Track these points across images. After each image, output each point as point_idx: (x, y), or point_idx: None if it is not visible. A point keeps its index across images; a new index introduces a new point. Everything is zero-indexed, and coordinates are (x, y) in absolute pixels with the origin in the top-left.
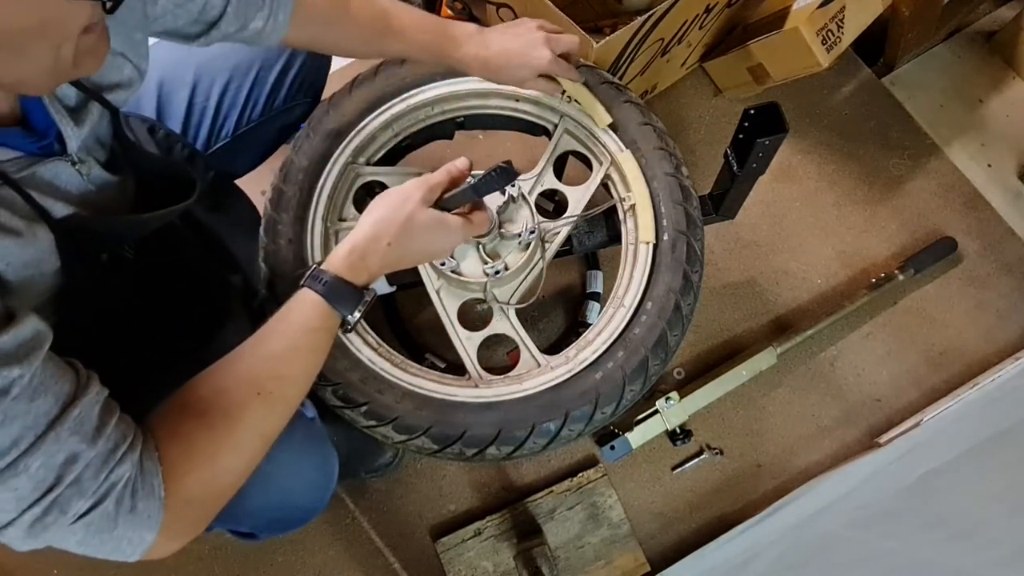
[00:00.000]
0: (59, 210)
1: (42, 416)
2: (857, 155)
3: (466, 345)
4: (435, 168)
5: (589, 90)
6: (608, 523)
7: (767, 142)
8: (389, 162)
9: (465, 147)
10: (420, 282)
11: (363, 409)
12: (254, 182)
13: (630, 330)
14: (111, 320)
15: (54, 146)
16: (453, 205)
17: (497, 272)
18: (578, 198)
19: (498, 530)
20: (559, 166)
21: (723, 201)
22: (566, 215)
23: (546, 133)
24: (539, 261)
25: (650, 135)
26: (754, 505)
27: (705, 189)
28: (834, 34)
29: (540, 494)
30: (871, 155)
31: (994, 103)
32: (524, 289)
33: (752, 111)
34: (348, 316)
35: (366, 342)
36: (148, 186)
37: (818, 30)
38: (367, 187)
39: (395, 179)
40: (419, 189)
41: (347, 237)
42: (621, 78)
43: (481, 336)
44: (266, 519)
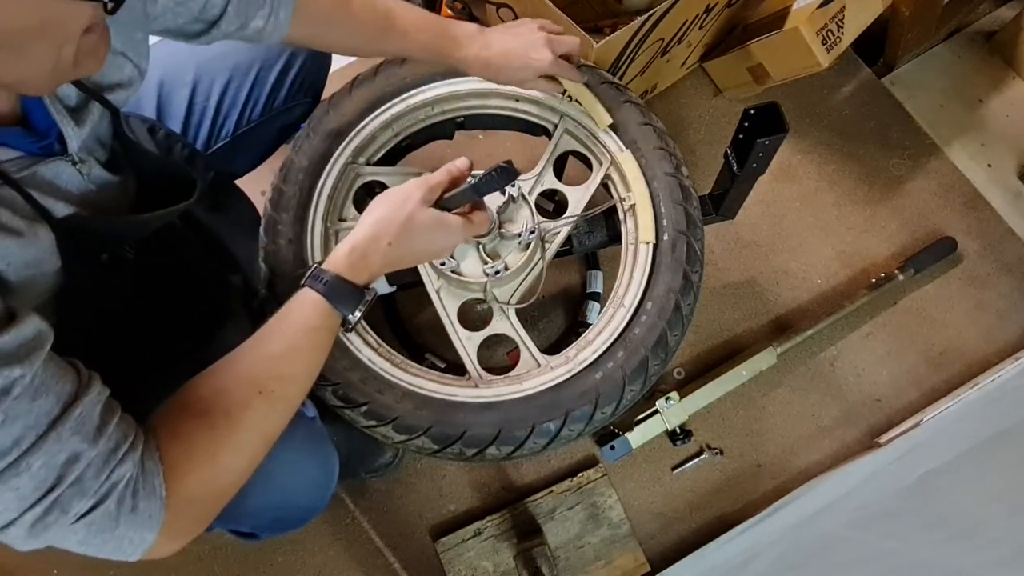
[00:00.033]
0: (60, 210)
1: (43, 416)
2: (857, 155)
3: (466, 345)
4: (435, 168)
5: (590, 91)
6: (608, 523)
7: (767, 142)
8: (389, 162)
9: (465, 147)
10: (420, 282)
11: (363, 409)
12: (254, 182)
13: (630, 330)
14: (111, 320)
15: (55, 146)
16: (453, 205)
17: (497, 272)
18: (578, 198)
19: (498, 530)
20: (559, 166)
21: (723, 201)
22: (566, 215)
23: (546, 133)
24: (539, 261)
25: (650, 135)
26: (754, 505)
27: (705, 189)
28: (834, 34)
29: (540, 494)
30: (871, 155)
31: (994, 103)
32: (524, 289)
33: (752, 111)
34: (349, 315)
35: (366, 342)
36: (148, 186)
37: (818, 30)
38: (367, 187)
39: (395, 179)
40: (419, 189)
41: (348, 237)
42: (621, 78)
43: (481, 336)
44: (267, 519)
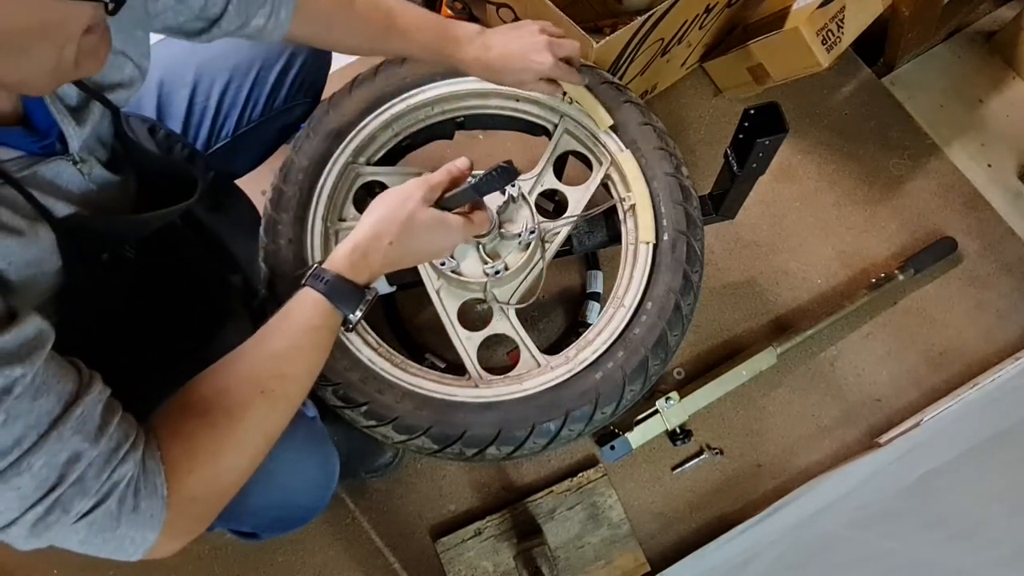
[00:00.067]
0: (60, 209)
1: (45, 415)
2: (857, 155)
3: (466, 345)
4: (435, 168)
5: (590, 92)
6: (608, 523)
7: (767, 142)
8: (389, 162)
9: (465, 147)
10: (420, 282)
11: (363, 409)
12: (254, 182)
13: (630, 330)
14: (112, 320)
15: (56, 145)
16: (454, 205)
17: (497, 272)
18: (578, 198)
19: (498, 530)
20: (559, 166)
21: (723, 201)
22: (566, 215)
23: (546, 133)
24: (539, 261)
25: (650, 135)
26: (754, 505)
27: (705, 189)
28: (834, 34)
29: (540, 494)
30: (871, 155)
31: (994, 103)
32: (524, 289)
33: (752, 111)
34: (350, 315)
35: (366, 342)
36: (149, 186)
37: (818, 30)
38: (367, 187)
39: (395, 179)
40: (420, 188)
41: (348, 236)
42: (621, 78)
43: (481, 336)
44: (267, 518)
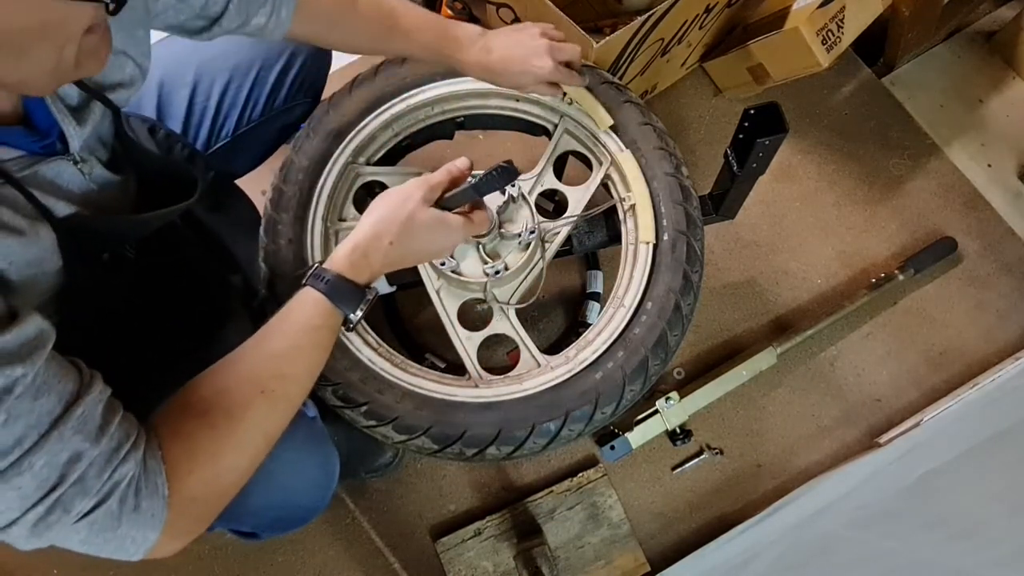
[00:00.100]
0: (61, 209)
1: (45, 415)
2: (857, 155)
3: (466, 345)
4: (435, 168)
5: (590, 93)
6: (608, 523)
7: (767, 142)
8: (389, 162)
9: (465, 147)
10: (420, 282)
11: (363, 409)
12: (254, 182)
13: (630, 330)
14: (112, 319)
15: (56, 145)
16: (454, 204)
17: (497, 272)
18: (578, 198)
19: (498, 530)
20: (559, 166)
21: (723, 201)
22: (566, 215)
23: (546, 133)
24: (539, 261)
25: (650, 135)
26: (754, 505)
27: (705, 189)
28: (834, 34)
29: (540, 494)
30: (871, 155)
31: (994, 103)
32: (524, 289)
33: (752, 111)
34: (350, 314)
35: (366, 342)
36: (149, 185)
37: (818, 30)
38: (367, 187)
39: (395, 179)
40: (420, 188)
41: (349, 236)
42: (621, 78)
43: (481, 336)
44: (268, 518)
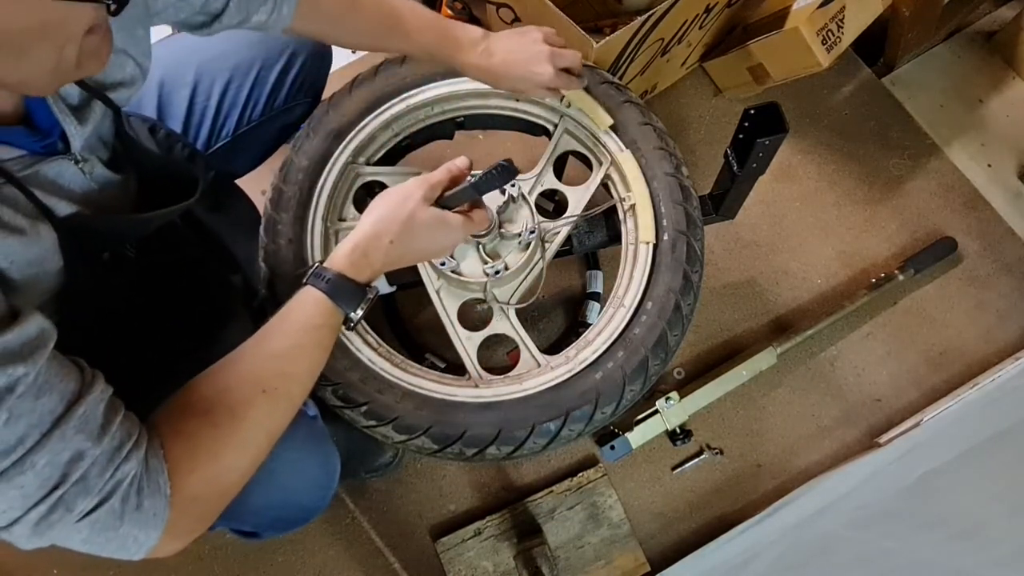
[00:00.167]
0: (62, 209)
1: (47, 414)
2: (857, 155)
3: (466, 345)
4: (435, 168)
5: (589, 95)
6: (608, 523)
7: (767, 142)
8: (389, 162)
9: (465, 147)
10: (420, 282)
11: (363, 409)
12: (254, 182)
13: (630, 330)
14: (113, 319)
15: (57, 145)
16: (453, 203)
17: (497, 272)
18: (578, 198)
19: (498, 530)
20: (559, 166)
21: (723, 201)
22: (566, 215)
23: (546, 133)
24: (539, 261)
25: (650, 135)
26: (754, 505)
27: (705, 189)
28: (834, 34)
29: (540, 494)
30: (871, 155)
31: (994, 103)
32: (524, 289)
33: (752, 111)
34: (351, 313)
35: (366, 342)
36: (150, 185)
37: (818, 30)
38: (367, 187)
39: (395, 179)
40: (420, 187)
41: (349, 235)
42: (621, 78)
43: (481, 336)
44: (268, 518)
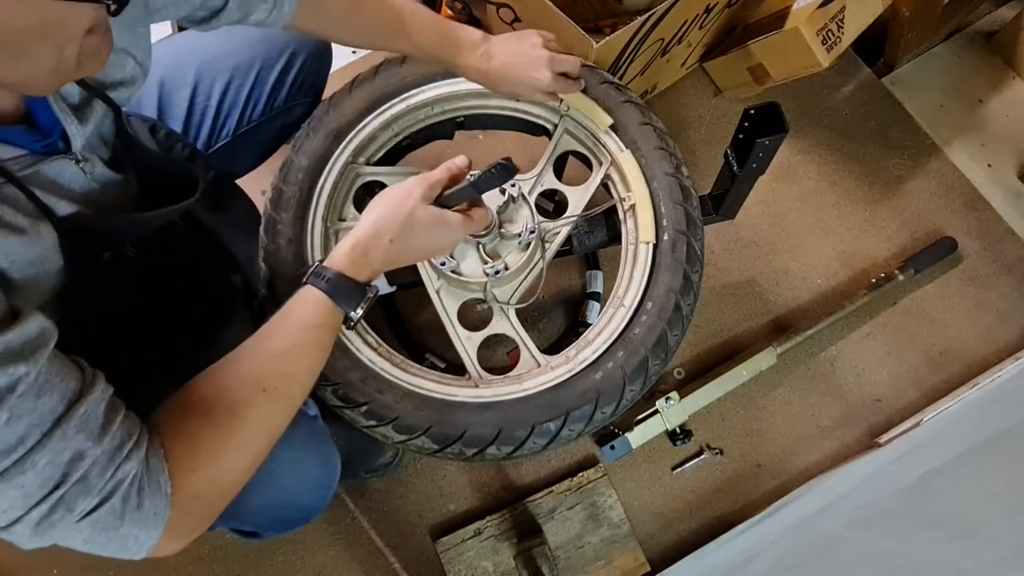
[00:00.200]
0: (62, 208)
1: (48, 414)
2: (857, 155)
3: (466, 345)
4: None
5: (588, 96)
6: (608, 523)
7: (767, 142)
8: (389, 162)
9: (465, 147)
10: (420, 282)
11: (363, 409)
12: (254, 182)
13: (630, 330)
14: (113, 319)
15: (58, 144)
16: (453, 202)
17: (497, 272)
18: (578, 198)
19: (498, 530)
20: (559, 166)
21: (723, 201)
22: (566, 215)
23: (546, 133)
24: (539, 261)
25: (650, 135)
26: (754, 505)
27: (705, 189)
28: (834, 34)
29: (540, 494)
30: (871, 155)
31: (994, 103)
32: (524, 289)
33: (752, 111)
34: (351, 312)
35: (366, 342)
36: (150, 184)
37: (818, 30)
38: (367, 187)
39: (395, 179)
40: (419, 186)
41: (349, 234)
42: (621, 78)
43: (481, 336)
44: (269, 517)
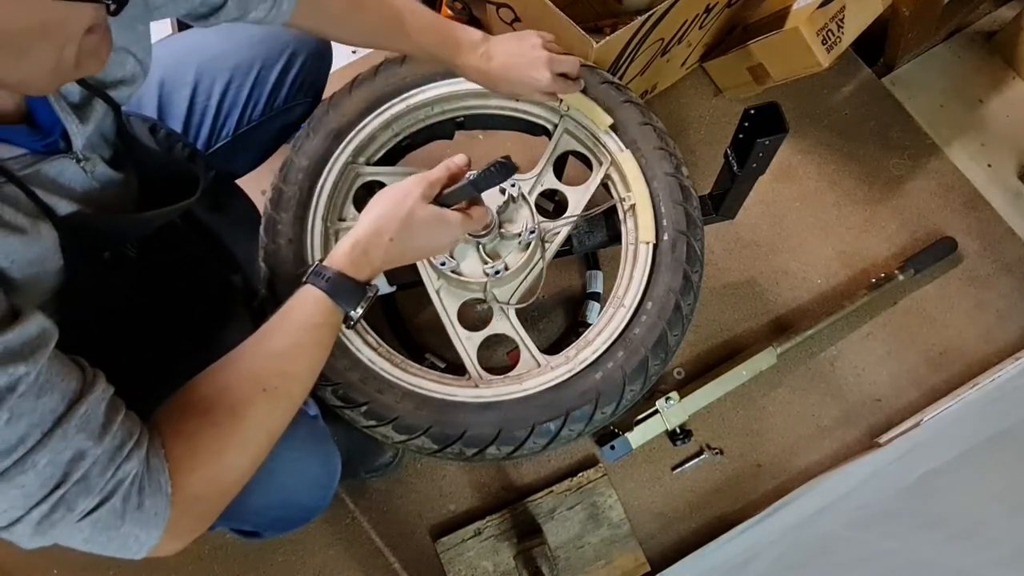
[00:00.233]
0: (63, 208)
1: (49, 413)
2: (857, 155)
3: (466, 345)
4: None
5: (587, 96)
6: (608, 523)
7: (767, 142)
8: (389, 162)
9: (465, 147)
10: (420, 282)
11: (363, 409)
12: (254, 182)
13: (630, 330)
14: (113, 319)
15: (59, 143)
16: (453, 201)
17: (497, 272)
18: (578, 198)
19: (498, 530)
20: (559, 166)
21: (723, 201)
22: (566, 215)
23: (546, 133)
24: (539, 261)
25: (650, 135)
26: (754, 505)
27: (705, 189)
28: (834, 34)
29: (540, 494)
30: (871, 155)
31: (994, 103)
32: (524, 289)
33: (752, 111)
34: (351, 312)
35: (366, 342)
36: (150, 184)
37: (818, 30)
38: (367, 187)
39: (395, 179)
40: (419, 185)
41: (349, 233)
42: (621, 78)
43: (481, 336)
44: (269, 517)
